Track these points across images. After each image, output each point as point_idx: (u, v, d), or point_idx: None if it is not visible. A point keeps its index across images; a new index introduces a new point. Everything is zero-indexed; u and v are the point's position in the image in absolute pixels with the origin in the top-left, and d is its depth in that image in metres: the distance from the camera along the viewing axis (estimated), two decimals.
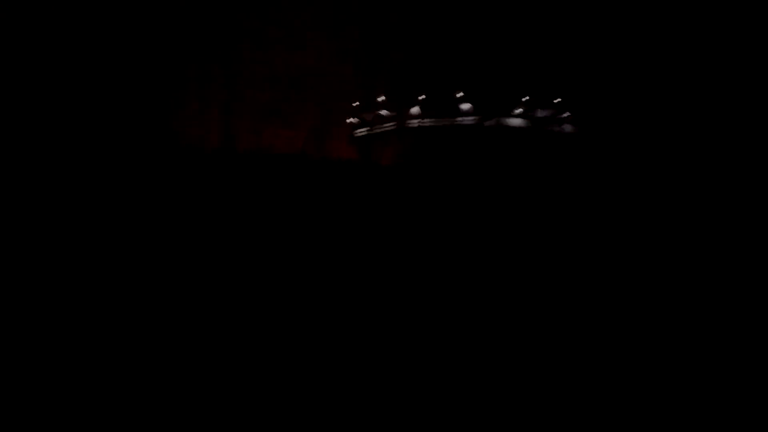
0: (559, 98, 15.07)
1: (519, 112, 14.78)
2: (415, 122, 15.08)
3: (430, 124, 15.03)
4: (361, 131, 15.67)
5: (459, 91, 14.95)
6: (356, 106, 16.12)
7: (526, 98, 14.85)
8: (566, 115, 15.04)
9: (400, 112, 15.30)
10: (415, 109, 15.12)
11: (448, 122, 14.90)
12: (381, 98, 15.66)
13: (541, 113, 14.94)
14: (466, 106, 14.93)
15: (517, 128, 14.76)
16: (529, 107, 14.88)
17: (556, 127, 14.95)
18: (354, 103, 16.19)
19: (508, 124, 14.74)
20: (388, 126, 15.37)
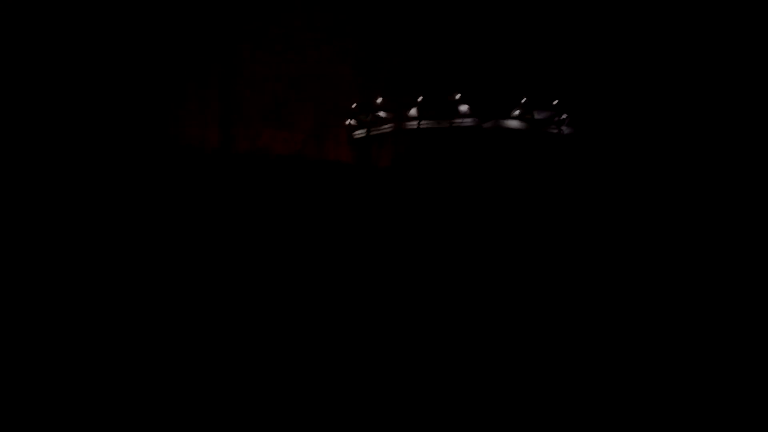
0: (557, 100, 15.09)
1: (517, 114, 14.79)
2: (413, 124, 15.07)
3: (429, 126, 15.03)
4: (360, 133, 15.66)
5: (457, 93, 14.95)
6: (354, 108, 16.10)
7: (524, 100, 14.86)
8: (564, 116, 15.07)
9: (399, 114, 15.28)
10: (414, 111, 15.11)
11: (446, 124, 14.89)
12: (379, 100, 15.65)
13: (539, 115, 14.95)
14: (464, 108, 14.93)
15: (515, 130, 14.77)
16: (527, 109, 14.89)
17: (554, 128, 14.96)
18: (352, 104, 16.17)
19: (507, 125, 14.74)
20: (386, 128, 15.35)
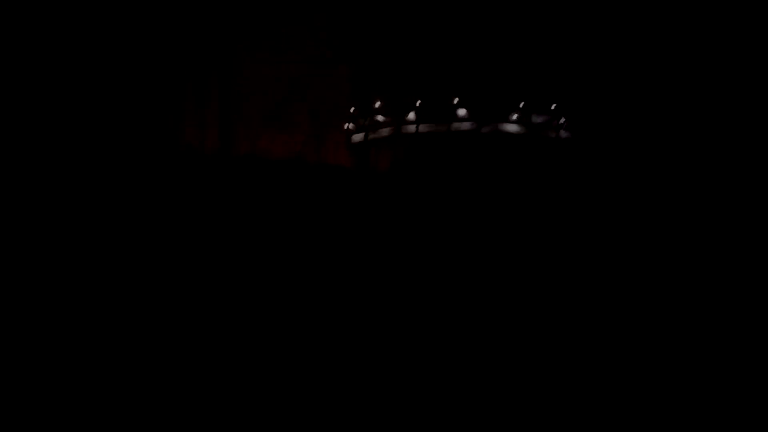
0: (555, 104, 15.15)
1: (515, 118, 14.84)
2: (411, 128, 15.11)
3: (427, 130, 15.06)
4: (358, 137, 15.68)
5: (455, 97, 15.00)
6: (353, 112, 16.13)
7: (522, 104, 14.92)
8: (562, 120, 15.12)
9: (397, 118, 15.31)
10: (412, 115, 15.14)
11: (444, 128, 14.93)
12: (378, 104, 15.68)
13: (537, 119, 15.00)
14: (462, 112, 14.98)
15: (513, 134, 14.82)
16: (525, 113, 14.94)
17: (552, 132, 15.02)
18: (351, 108, 16.20)
19: (505, 129, 14.79)
20: (385, 131, 15.38)
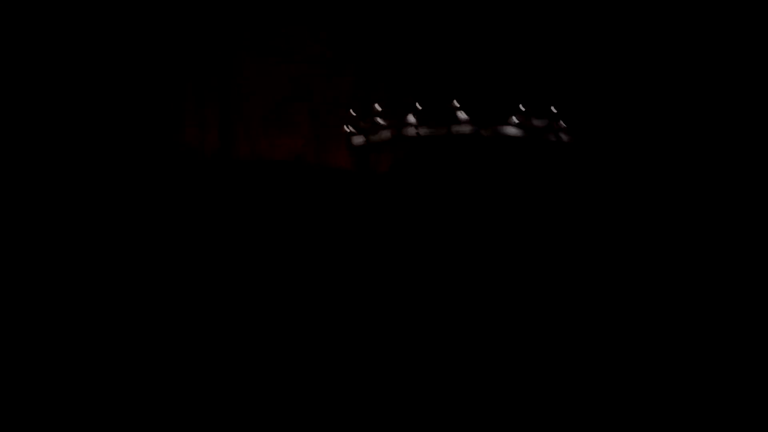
0: (555, 108, 15.18)
1: (515, 122, 14.87)
2: (412, 131, 15.13)
3: (427, 133, 15.09)
4: (359, 139, 15.70)
5: (455, 100, 15.03)
6: (353, 115, 16.16)
7: (522, 108, 14.95)
8: (562, 124, 15.15)
9: (397, 121, 15.35)
10: (412, 118, 15.17)
11: (444, 131, 14.96)
12: (378, 107, 15.72)
13: (537, 122, 15.03)
14: (462, 115, 15.01)
15: (513, 137, 14.84)
16: (526, 116, 14.97)
17: (552, 136, 15.04)
18: (351, 111, 16.23)
19: (505, 132, 14.82)
20: (385, 134, 15.41)
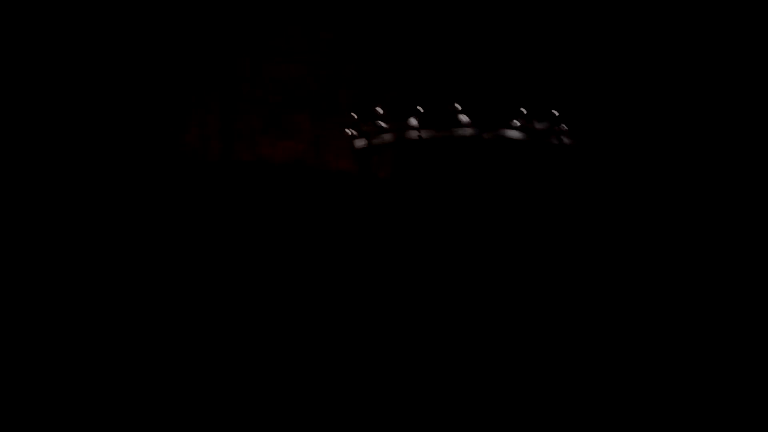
0: (557, 111, 15.13)
1: (517, 125, 14.82)
2: (413, 134, 15.10)
3: (429, 136, 15.05)
4: (360, 142, 15.68)
5: (457, 103, 15.00)
6: (354, 118, 16.15)
7: (524, 111, 14.90)
8: (564, 127, 15.10)
9: (399, 124, 15.32)
10: (414, 121, 15.15)
11: (446, 134, 14.92)
12: (379, 110, 15.70)
13: (539, 125, 14.98)
14: (464, 118, 14.97)
15: (515, 140, 14.79)
16: (528, 119, 14.92)
17: (554, 139, 14.99)
18: (352, 114, 16.22)
19: (507, 136, 14.77)
20: (387, 137, 15.38)
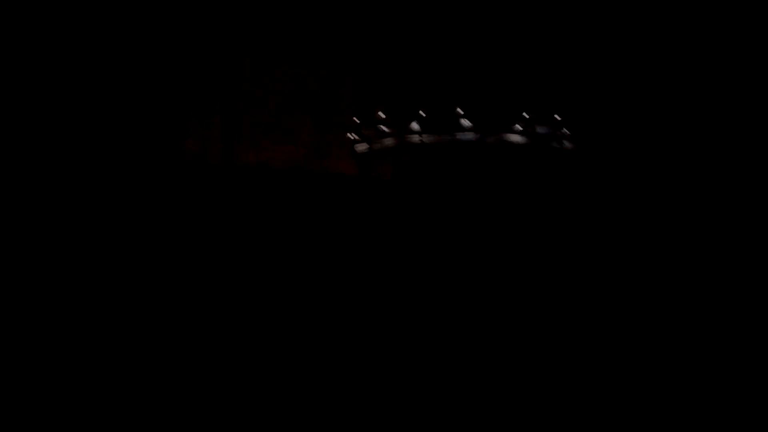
0: (559, 115, 15.11)
1: (519, 129, 14.80)
2: (415, 138, 15.07)
3: (431, 140, 15.03)
4: (362, 146, 15.65)
5: (459, 108, 14.98)
6: (356, 122, 16.12)
7: (527, 115, 14.88)
8: (566, 132, 15.07)
9: (401, 128, 15.30)
10: (416, 125, 15.12)
11: (448, 138, 14.89)
12: (381, 114, 15.67)
13: (541, 130, 14.95)
14: (466, 123, 14.95)
15: (517, 145, 14.77)
16: (530, 124, 14.90)
17: (556, 144, 14.96)
18: (354, 118, 16.19)
19: (509, 140, 14.74)
20: (389, 141, 15.36)
